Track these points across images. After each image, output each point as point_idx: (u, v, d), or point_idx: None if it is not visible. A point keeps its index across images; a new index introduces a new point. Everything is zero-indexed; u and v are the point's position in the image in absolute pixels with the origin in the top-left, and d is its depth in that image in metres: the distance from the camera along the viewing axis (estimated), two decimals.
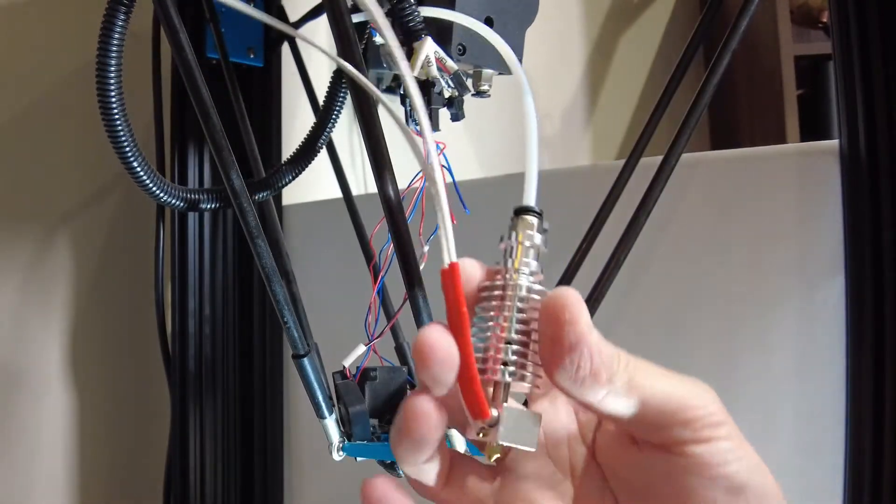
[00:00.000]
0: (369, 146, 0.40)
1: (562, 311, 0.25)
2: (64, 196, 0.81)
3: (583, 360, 0.25)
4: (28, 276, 0.78)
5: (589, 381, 0.26)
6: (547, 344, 0.26)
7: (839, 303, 0.57)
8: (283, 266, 0.59)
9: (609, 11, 1.56)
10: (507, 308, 0.28)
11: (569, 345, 0.25)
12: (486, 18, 0.45)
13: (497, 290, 0.28)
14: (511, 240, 0.29)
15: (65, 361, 0.80)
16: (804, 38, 1.48)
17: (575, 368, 0.25)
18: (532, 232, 0.29)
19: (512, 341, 0.28)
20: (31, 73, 0.78)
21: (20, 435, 0.77)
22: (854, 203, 0.56)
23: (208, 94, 0.45)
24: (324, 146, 0.58)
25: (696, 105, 0.55)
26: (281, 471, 0.82)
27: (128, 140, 0.46)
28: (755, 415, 0.58)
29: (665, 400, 0.26)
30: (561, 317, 0.25)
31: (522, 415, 0.27)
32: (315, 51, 0.97)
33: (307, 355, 0.50)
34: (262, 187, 0.56)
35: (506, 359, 0.27)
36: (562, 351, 0.25)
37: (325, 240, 0.82)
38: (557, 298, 0.26)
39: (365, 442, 0.50)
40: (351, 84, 0.41)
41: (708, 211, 0.62)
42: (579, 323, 0.25)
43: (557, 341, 0.25)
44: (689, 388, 0.26)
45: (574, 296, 0.26)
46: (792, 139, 1.41)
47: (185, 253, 0.77)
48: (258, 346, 0.80)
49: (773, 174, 0.60)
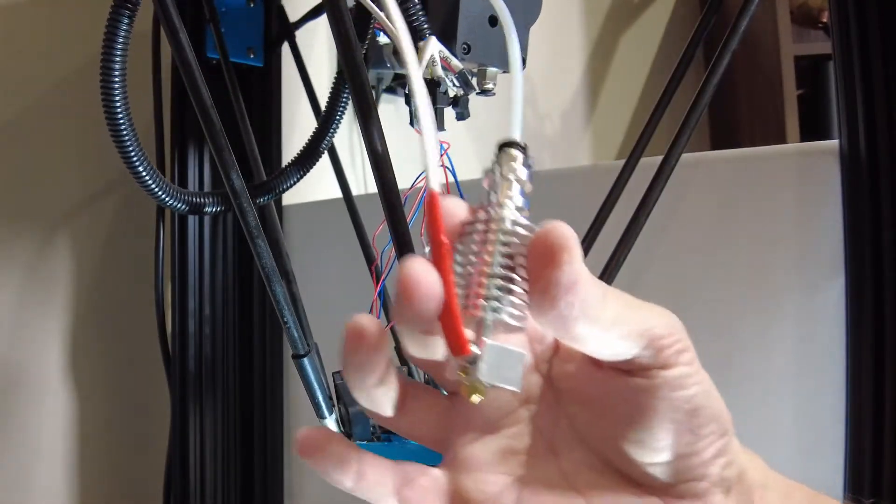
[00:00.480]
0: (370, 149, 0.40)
1: (560, 251, 0.24)
2: (64, 196, 0.81)
3: (577, 301, 0.24)
4: (28, 276, 0.78)
5: (581, 322, 0.25)
6: (540, 283, 0.25)
7: (839, 303, 0.57)
8: (283, 266, 0.59)
9: (609, 11, 1.56)
10: (491, 242, 0.26)
11: (565, 285, 0.24)
12: (490, 17, 0.45)
13: (480, 224, 0.27)
14: (494, 174, 0.28)
15: (65, 361, 0.80)
16: (804, 38, 1.48)
17: (568, 308, 0.25)
18: (516, 165, 0.28)
19: (495, 275, 0.26)
20: (31, 73, 0.78)
21: (20, 435, 0.77)
22: (854, 203, 0.56)
23: (208, 95, 0.45)
24: (326, 149, 0.58)
25: (696, 105, 0.55)
26: (281, 471, 0.82)
27: (132, 144, 0.46)
28: (755, 415, 0.58)
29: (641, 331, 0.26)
30: (558, 256, 0.24)
31: (505, 352, 0.26)
32: (315, 51, 0.97)
33: (307, 355, 0.50)
34: (265, 190, 0.56)
35: (489, 294, 0.26)
36: (557, 292, 0.24)
37: (325, 240, 0.82)
38: (553, 236, 0.25)
39: (365, 442, 0.50)
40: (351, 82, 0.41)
41: (708, 211, 0.62)
42: (577, 262, 0.24)
43: (553, 282, 0.24)
44: (659, 317, 0.27)
45: (569, 232, 0.25)
46: (792, 139, 1.41)
47: (185, 253, 0.77)
48: (258, 346, 0.80)
49: (773, 174, 0.60)
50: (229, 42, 0.72)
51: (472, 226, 0.27)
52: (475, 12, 0.44)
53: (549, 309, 0.25)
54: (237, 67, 0.73)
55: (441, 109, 0.43)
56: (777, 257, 0.59)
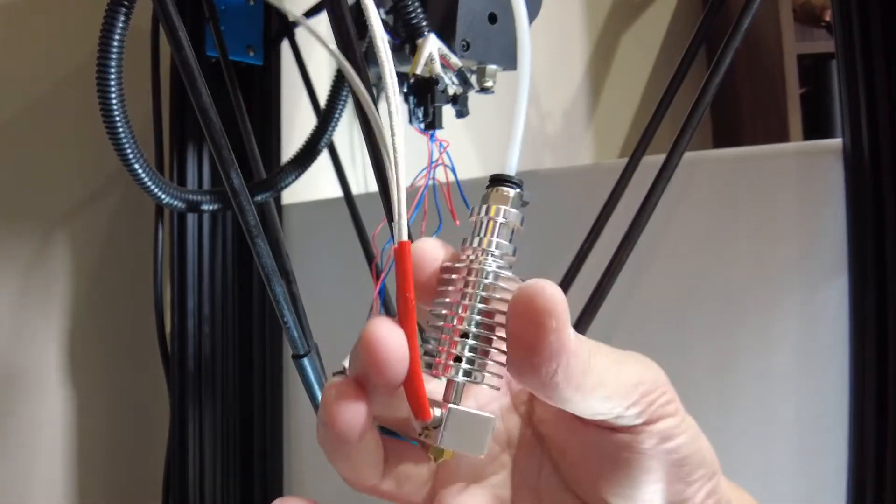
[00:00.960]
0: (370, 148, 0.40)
1: (547, 316, 0.22)
2: (64, 196, 0.80)
3: (560, 368, 0.23)
4: (28, 276, 0.78)
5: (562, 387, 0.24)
6: (522, 349, 0.23)
7: (841, 303, 0.57)
8: (283, 266, 0.58)
9: (611, 10, 1.56)
10: (469, 296, 0.24)
11: (549, 354, 0.23)
12: (490, 14, 0.45)
13: (459, 273, 0.25)
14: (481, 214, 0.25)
15: (64, 361, 0.80)
16: (807, 37, 1.48)
17: (550, 376, 0.23)
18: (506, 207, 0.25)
19: (469, 335, 0.24)
20: (31, 73, 0.77)
21: (19, 435, 0.77)
22: (857, 202, 0.56)
23: (208, 93, 0.45)
24: (325, 147, 0.57)
25: (699, 104, 0.55)
26: (281, 471, 0.82)
27: (129, 142, 0.46)
28: (756, 416, 0.58)
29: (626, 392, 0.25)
30: (545, 323, 0.22)
31: (470, 417, 0.24)
32: (315, 49, 0.96)
33: (307, 355, 0.49)
34: (264, 188, 0.56)
35: (460, 354, 0.24)
36: (540, 360, 0.23)
37: (325, 240, 0.82)
38: (539, 299, 0.23)
39: None
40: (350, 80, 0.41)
41: (710, 210, 0.62)
42: (565, 331, 0.23)
43: (537, 349, 0.23)
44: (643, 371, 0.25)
45: (558, 296, 0.23)
46: (794, 138, 1.41)
47: (185, 253, 0.77)
48: (258, 346, 0.80)
49: (775, 173, 0.60)
50: (229, 40, 0.72)
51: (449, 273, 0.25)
52: (474, 9, 0.43)
53: (529, 375, 0.23)
54: (237, 66, 0.73)
55: (439, 107, 0.42)
56: (779, 256, 0.59)
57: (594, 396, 0.24)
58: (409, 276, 0.24)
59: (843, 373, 0.56)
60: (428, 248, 0.25)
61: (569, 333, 0.23)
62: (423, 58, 0.39)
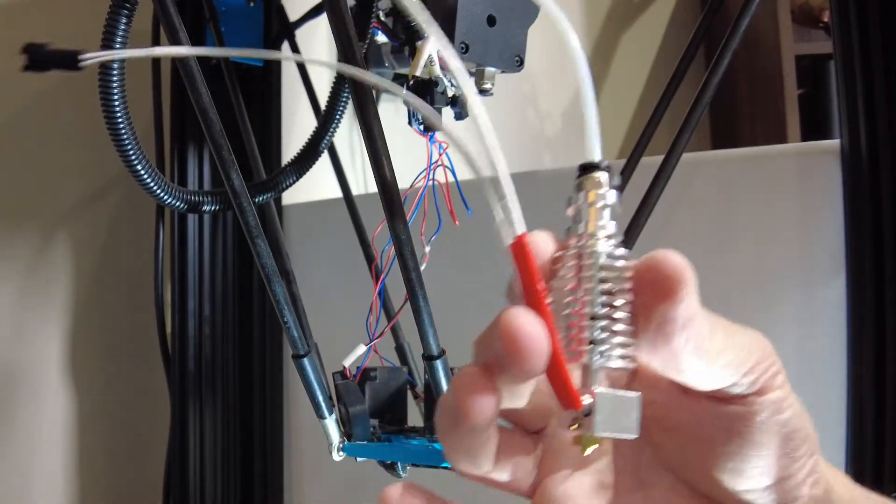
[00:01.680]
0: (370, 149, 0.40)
1: (677, 284, 0.23)
2: (64, 196, 0.80)
3: (693, 337, 0.23)
4: (28, 276, 0.78)
5: (690, 357, 0.24)
6: (654, 320, 0.23)
7: (840, 302, 0.57)
8: (283, 266, 0.59)
9: (610, 11, 1.56)
10: (588, 279, 0.24)
11: (683, 321, 0.23)
12: (489, 17, 0.45)
13: (572, 260, 0.25)
14: (580, 202, 0.25)
15: (65, 361, 0.80)
16: (805, 38, 1.48)
17: (682, 346, 0.23)
18: (603, 190, 0.25)
19: (597, 316, 0.24)
20: (31, 73, 0.77)
21: (20, 435, 0.77)
22: (855, 202, 0.56)
23: (208, 94, 0.45)
24: (325, 149, 0.58)
25: (697, 105, 0.55)
26: (281, 471, 0.82)
27: (131, 142, 0.46)
28: None
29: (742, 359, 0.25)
30: (676, 290, 0.23)
31: (619, 399, 0.24)
32: (315, 51, 0.96)
33: (307, 355, 0.50)
34: (265, 189, 0.56)
35: (592, 337, 0.24)
36: (674, 328, 0.23)
37: (325, 240, 0.82)
38: (668, 268, 0.23)
39: (365, 442, 0.50)
40: (352, 83, 0.41)
41: (708, 210, 0.62)
42: (695, 297, 0.23)
43: (670, 318, 0.23)
44: (755, 340, 0.26)
45: (685, 263, 0.23)
46: (793, 139, 1.41)
47: (185, 253, 0.77)
48: (258, 346, 0.80)
49: (773, 174, 0.60)
50: (229, 41, 0.72)
51: (562, 262, 0.25)
52: (473, 12, 0.43)
53: (662, 346, 0.23)
54: (237, 67, 0.73)
55: (438, 110, 0.42)
56: (778, 256, 0.59)
57: (717, 364, 0.24)
58: (533, 267, 0.24)
59: (840, 371, 0.57)
60: (539, 240, 0.25)
61: (697, 300, 0.23)
62: (423, 60, 0.39)
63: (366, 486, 0.78)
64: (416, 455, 0.48)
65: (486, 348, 0.24)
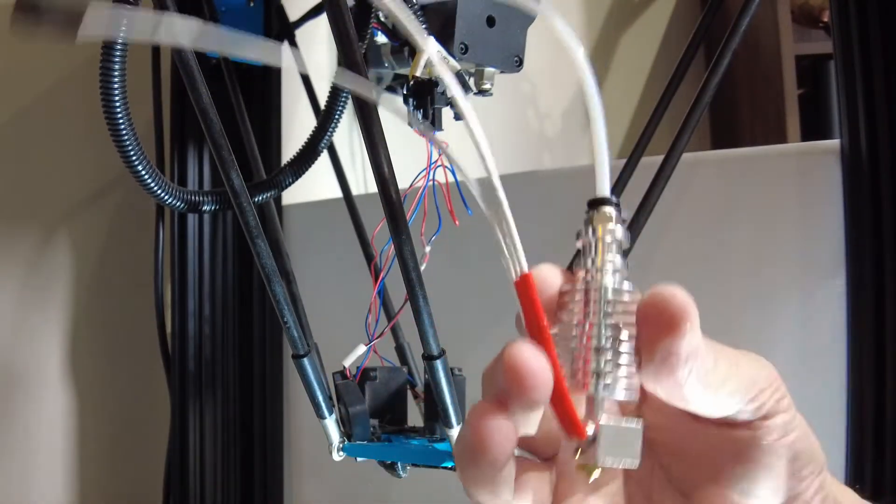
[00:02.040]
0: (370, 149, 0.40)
1: (681, 320, 0.24)
2: (64, 196, 0.81)
3: (695, 369, 0.24)
4: (28, 276, 0.78)
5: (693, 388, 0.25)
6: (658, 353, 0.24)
7: (840, 302, 0.57)
8: (283, 266, 0.59)
9: (610, 11, 1.56)
10: (594, 313, 0.25)
11: (685, 356, 0.24)
12: (489, 17, 0.45)
13: (580, 294, 0.26)
14: (589, 236, 0.26)
15: (65, 361, 0.80)
16: (805, 38, 1.48)
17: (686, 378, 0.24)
18: (612, 225, 0.26)
19: (602, 349, 0.25)
20: (31, 73, 0.78)
21: (19, 434, 0.77)
22: (855, 202, 0.56)
23: (208, 94, 0.45)
24: (325, 148, 0.58)
25: (697, 104, 0.55)
26: (281, 471, 0.82)
27: (132, 143, 0.46)
28: None
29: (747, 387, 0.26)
30: (679, 325, 0.24)
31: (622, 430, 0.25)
32: (315, 51, 0.97)
33: (307, 355, 0.50)
34: (264, 188, 0.56)
35: (597, 369, 0.25)
36: (677, 361, 0.24)
37: (325, 240, 0.82)
38: (671, 303, 0.24)
39: (365, 442, 0.50)
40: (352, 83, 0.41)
41: (709, 210, 0.62)
42: (698, 332, 0.24)
43: (674, 352, 0.24)
44: (759, 368, 0.26)
45: (688, 299, 0.24)
46: (793, 139, 1.41)
47: (185, 253, 0.77)
48: (258, 346, 0.80)
49: (773, 174, 0.60)
50: None
51: (570, 296, 0.26)
52: (473, 13, 0.43)
53: (665, 378, 0.24)
54: (237, 67, 0.73)
55: (439, 109, 0.42)
56: (778, 256, 0.59)
57: (721, 393, 0.25)
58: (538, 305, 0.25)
59: (840, 372, 0.57)
60: (546, 275, 0.26)
61: (700, 334, 0.24)
62: (423, 60, 0.39)
63: (366, 486, 0.78)
64: (416, 455, 0.48)
65: (493, 381, 0.25)
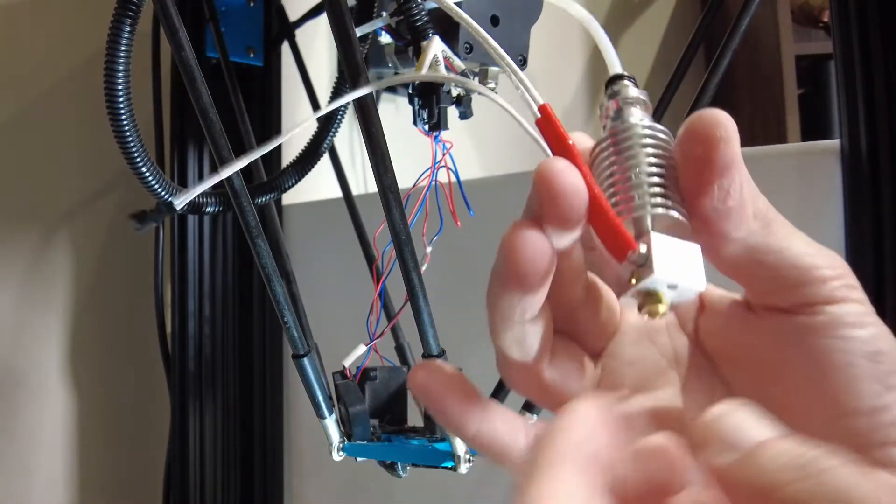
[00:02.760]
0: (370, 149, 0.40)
1: (714, 128, 0.23)
2: (64, 196, 0.80)
3: (733, 187, 0.23)
4: (28, 276, 0.78)
5: (735, 214, 0.23)
6: (694, 166, 0.23)
7: None
8: (283, 266, 0.59)
9: (610, 10, 1.56)
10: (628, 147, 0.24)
11: (722, 166, 0.23)
12: (493, 17, 0.45)
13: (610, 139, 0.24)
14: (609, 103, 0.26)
15: (65, 361, 0.80)
16: (805, 38, 1.48)
17: (724, 195, 0.23)
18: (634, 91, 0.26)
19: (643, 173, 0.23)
20: (31, 73, 0.78)
21: (20, 434, 0.77)
22: (855, 203, 0.56)
23: (208, 94, 0.45)
24: (327, 150, 0.58)
25: (697, 104, 0.55)
26: (281, 471, 0.82)
27: (136, 144, 0.47)
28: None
29: (801, 254, 0.24)
30: (713, 134, 0.23)
31: (677, 245, 0.23)
32: (315, 51, 0.97)
33: (307, 355, 0.50)
34: (266, 190, 0.57)
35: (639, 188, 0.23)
36: (713, 173, 0.23)
37: (325, 240, 0.82)
38: (707, 116, 0.23)
39: (365, 442, 0.50)
40: (353, 83, 0.41)
41: None
42: (734, 141, 0.23)
43: (709, 162, 0.23)
44: (823, 249, 0.24)
45: (725, 114, 0.23)
46: (792, 139, 1.41)
47: (185, 253, 0.77)
48: (258, 346, 0.80)
49: (773, 174, 0.60)
50: (229, 41, 0.72)
51: (601, 145, 0.25)
52: (477, 12, 0.43)
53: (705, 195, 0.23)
54: (237, 67, 0.73)
55: (444, 109, 0.43)
56: None
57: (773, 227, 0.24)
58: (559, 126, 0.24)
59: None
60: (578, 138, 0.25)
61: (739, 149, 0.23)
62: (428, 60, 0.39)
63: (366, 487, 0.78)
64: (416, 455, 0.48)
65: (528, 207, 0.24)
